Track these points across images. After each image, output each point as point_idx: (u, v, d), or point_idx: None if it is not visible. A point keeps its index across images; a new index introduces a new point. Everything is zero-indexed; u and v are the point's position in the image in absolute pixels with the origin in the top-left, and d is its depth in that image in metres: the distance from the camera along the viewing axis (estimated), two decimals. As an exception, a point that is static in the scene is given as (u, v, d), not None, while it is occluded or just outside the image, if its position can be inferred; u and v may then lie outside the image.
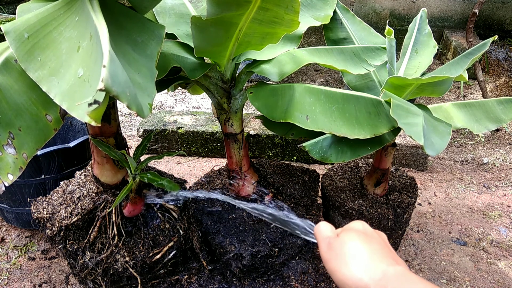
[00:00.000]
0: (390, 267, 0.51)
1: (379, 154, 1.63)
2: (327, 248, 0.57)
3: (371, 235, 0.58)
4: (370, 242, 0.55)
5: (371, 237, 0.57)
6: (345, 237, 0.57)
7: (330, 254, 0.56)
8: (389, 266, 0.51)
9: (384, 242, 0.58)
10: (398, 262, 0.53)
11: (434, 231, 2.03)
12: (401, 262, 0.53)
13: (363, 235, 0.56)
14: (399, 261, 0.53)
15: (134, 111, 0.68)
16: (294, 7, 0.98)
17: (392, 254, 0.55)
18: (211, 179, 1.76)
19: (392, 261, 0.52)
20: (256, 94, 1.32)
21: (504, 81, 3.35)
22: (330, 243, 0.57)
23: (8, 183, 0.92)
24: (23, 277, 1.74)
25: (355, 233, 0.57)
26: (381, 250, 0.54)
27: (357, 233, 0.57)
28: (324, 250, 0.57)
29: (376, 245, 0.55)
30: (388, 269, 0.50)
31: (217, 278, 1.52)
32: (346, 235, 0.57)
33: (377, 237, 0.58)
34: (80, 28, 0.81)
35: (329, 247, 0.57)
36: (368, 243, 0.55)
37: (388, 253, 0.54)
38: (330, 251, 0.56)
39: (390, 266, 0.51)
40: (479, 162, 2.62)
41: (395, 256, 0.55)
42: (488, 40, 1.24)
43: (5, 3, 3.77)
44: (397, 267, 0.51)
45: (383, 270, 0.50)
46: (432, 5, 3.99)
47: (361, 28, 1.68)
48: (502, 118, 1.48)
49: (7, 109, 0.92)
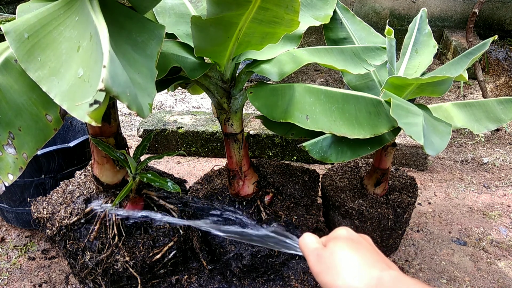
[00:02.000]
0: (385, 273, 0.50)
1: (379, 154, 1.63)
2: (316, 261, 0.55)
3: (357, 240, 0.57)
4: (358, 249, 0.54)
5: (358, 243, 0.56)
6: (334, 247, 0.55)
7: (320, 267, 0.54)
8: (383, 272, 0.50)
9: (372, 246, 0.57)
10: (390, 266, 0.52)
11: (434, 231, 2.03)
12: (392, 266, 0.53)
13: (351, 242, 0.55)
14: (391, 265, 0.53)
15: (134, 111, 0.68)
16: (294, 7, 0.98)
17: (382, 258, 0.54)
18: (211, 179, 1.76)
19: (384, 266, 0.52)
20: (256, 94, 1.32)
21: (504, 81, 3.35)
22: (319, 254, 0.55)
23: (8, 183, 0.92)
24: (23, 277, 1.74)
25: (343, 241, 0.56)
26: (371, 255, 0.53)
27: (345, 240, 0.56)
28: (313, 263, 0.55)
29: (365, 251, 0.54)
30: (383, 275, 0.50)
31: (217, 278, 1.52)
32: (334, 244, 0.55)
33: (363, 242, 0.57)
34: (80, 28, 0.81)
35: (318, 260, 0.55)
36: (357, 249, 0.54)
37: (378, 258, 0.53)
38: (320, 263, 0.54)
39: (384, 272, 0.50)
40: (479, 162, 2.62)
41: (385, 259, 0.54)
42: (488, 40, 1.24)
43: (5, 3, 3.77)
44: (391, 271, 0.50)
45: (377, 276, 0.50)
46: (432, 5, 3.99)
47: (361, 28, 1.68)
48: (502, 118, 1.48)
49: (7, 109, 0.92)
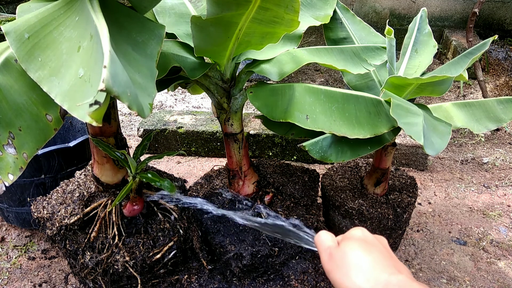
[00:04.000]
0: (393, 277, 0.50)
1: (379, 153, 1.63)
2: (328, 259, 0.57)
3: (371, 242, 0.57)
4: (371, 251, 0.55)
5: (371, 245, 0.56)
6: (345, 247, 0.56)
7: (331, 265, 0.55)
8: (391, 276, 0.50)
9: (385, 248, 0.58)
10: (401, 270, 0.52)
11: (434, 230, 2.03)
12: (403, 270, 0.53)
13: (364, 244, 0.56)
14: (402, 269, 0.53)
15: (134, 111, 0.68)
16: (294, 7, 0.98)
17: (394, 261, 0.54)
18: (211, 178, 1.76)
19: (394, 270, 0.52)
20: (256, 93, 1.32)
21: (504, 80, 3.35)
22: (331, 253, 0.57)
23: (9, 183, 0.92)
24: (23, 276, 1.74)
25: (356, 242, 0.57)
26: (382, 258, 0.54)
27: (358, 241, 0.57)
28: (325, 261, 0.57)
29: (377, 254, 0.54)
30: (391, 279, 0.50)
31: (217, 278, 1.52)
32: (346, 244, 0.57)
33: (377, 244, 0.57)
34: (80, 28, 0.81)
35: (330, 258, 0.56)
36: (369, 252, 0.54)
37: (389, 261, 0.54)
38: (331, 262, 0.56)
39: (392, 276, 0.50)
40: (479, 161, 2.62)
41: (397, 263, 0.54)
42: (488, 40, 1.24)
43: (5, 3, 3.77)
44: (400, 276, 0.50)
45: (385, 280, 0.50)
46: (432, 4, 3.99)
47: (361, 27, 1.68)
48: (502, 118, 1.48)
49: (7, 109, 0.92)
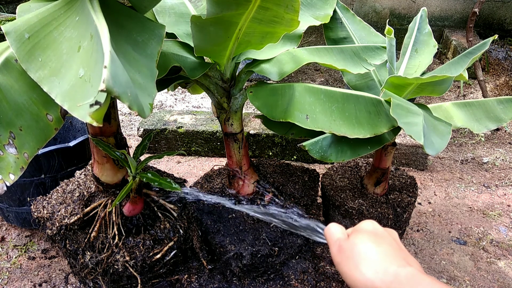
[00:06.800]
0: (402, 269, 0.50)
1: (379, 153, 1.63)
2: (337, 251, 0.57)
3: (381, 235, 0.57)
4: (380, 243, 0.55)
5: (381, 238, 0.56)
6: (355, 239, 0.56)
7: (340, 257, 0.55)
8: (400, 268, 0.50)
9: (396, 241, 0.57)
10: (410, 262, 0.52)
11: (434, 230, 2.03)
12: (413, 262, 0.53)
13: (373, 236, 0.56)
14: (411, 261, 0.53)
15: (135, 111, 0.68)
16: (294, 6, 0.98)
17: (404, 254, 0.54)
18: (211, 178, 1.76)
19: (403, 262, 0.52)
20: (256, 93, 1.33)
21: (504, 80, 3.35)
22: (341, 245, 0.57)
23: (10, 183, 0.92)
24: (23, 276, 1.74)
25: (366, 234, 0.57)
26: (392, 251, 0.54)
27: (368, 234, 0.57)
28: (334, 253, 0.57)
29: (386, 246, 0.54)
30: (400, 271, 0.50)
31: (217, 278, 1.53)
32: (356, 237, 0.57)
33: (387, 237, 0.57)
34: (80, 28, 0.81)
35: (339, 250, 0.56)
36: (379, 244, 0.54)
37: (399, 254, 0.54)
38: (341, 254, 0.56)
39: (401, 268, 0.50)
40: (479, 161, 2.63)
41: (407, 256, 0.54)
42: (488, 40, 1.24)
43: (5, 2, 3.76)
44: (409, 268, 0.50)
45: (394, 272, 0.50)
46: (432, 4, 3.99)
47: (361, 27, 1.68)
48: (502, 118, 1.48)
49: (7, 109, 0.92)
